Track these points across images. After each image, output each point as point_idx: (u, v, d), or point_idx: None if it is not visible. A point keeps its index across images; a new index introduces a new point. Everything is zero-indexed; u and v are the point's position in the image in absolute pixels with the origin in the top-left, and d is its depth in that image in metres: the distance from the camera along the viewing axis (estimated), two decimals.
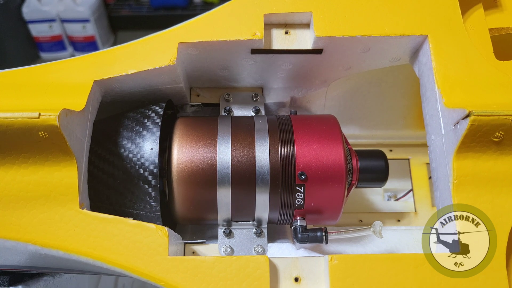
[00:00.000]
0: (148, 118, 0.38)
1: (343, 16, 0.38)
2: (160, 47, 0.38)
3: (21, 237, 0.33)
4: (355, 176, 0.38)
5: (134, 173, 0.36)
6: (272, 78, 0.44)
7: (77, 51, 2.12)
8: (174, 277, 0.32)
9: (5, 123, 0.30)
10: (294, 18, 0.40)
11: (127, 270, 0.32)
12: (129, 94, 0.40)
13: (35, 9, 1.96)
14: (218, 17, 0.39)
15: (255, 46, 0.39)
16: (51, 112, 0.30)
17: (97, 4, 2.01)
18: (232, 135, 0.37)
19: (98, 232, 0.32)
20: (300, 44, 0.40)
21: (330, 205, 0.37)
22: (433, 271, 0.31)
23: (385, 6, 0.38)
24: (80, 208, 0.33)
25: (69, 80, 0.37)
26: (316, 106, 0.46)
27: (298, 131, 0.37)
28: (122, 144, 0.37)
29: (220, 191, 0.36)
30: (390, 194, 0.52)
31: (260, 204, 0.36)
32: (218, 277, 0.32)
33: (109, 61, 0.38)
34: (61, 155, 0.32)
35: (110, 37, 2.18)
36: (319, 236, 0.36)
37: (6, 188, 0.33)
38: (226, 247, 0.38)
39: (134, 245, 0.32)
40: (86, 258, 0.32)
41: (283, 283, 0.33)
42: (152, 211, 0.36)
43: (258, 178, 0.35)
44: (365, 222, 0.48)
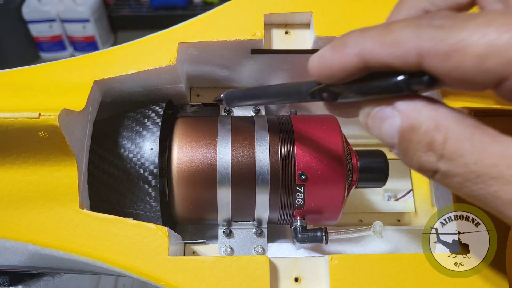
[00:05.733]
0: (148, 118, 0.38)
1: (343, 16, 0.38)
2: (160, 47, 0.38)
3: (21, 237, 0.33)
4: (355, 176, 0.38)
5: (134, 173, 0.36)
6: (272, 78, 0.44)
7: (77, 51, 2.12)
8: (174, 277, 0.32)
9: (5, 123, 0.30)
10: (294, 18, 0.40)
11: (127, 270, 0.32)
12: (129, 94, 0.40)
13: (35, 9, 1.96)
14: (218, 17, 0.39)
15: (255, 46, 0.39)
16: (51, 112, 0.30)
17: (97, 4, 2.01)
18: (232, 135, 0.37)
19: (98, 232, 0.32)
20: (300, 44, 0.40)
21: (330, 205, 0.37)
22: (433, 271, 0.31)
23: (385, 7, 0.38)
24: (80, 208, 0.33)
25: (69, 80, 0.37)
26: (316, 106, 0.46)
27: (298, 131, 0.37)
28: (122, 144, 0.37)
29: (220, 191, 0.36)
30: (390, 194, 0.52)
31: (260, 204, 0.36)
32: (218, 277, 0.32)
33: (109, 61, 0.38)
34: (61, 155, 0.32)
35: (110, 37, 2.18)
36: (319, 236, 0.36)
37: (6, 188, 0.33)
38: (226, 247, 0.38)
39: (134, 245, 0.32)
40: (86, 258, 0.32)
41: (283, 283, 0.33)
42: (152, 211, 0.36)
43: (258, 178, 0.35)
44: (365, 222, 0.48)
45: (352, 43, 0.21)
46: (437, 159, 0.19)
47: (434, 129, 0.19)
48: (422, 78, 0.19)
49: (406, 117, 0.20)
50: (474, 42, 0.17)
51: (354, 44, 0.20)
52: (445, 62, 0.18)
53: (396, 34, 0.19)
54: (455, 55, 0.17)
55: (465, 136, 0.18)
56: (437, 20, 0.18)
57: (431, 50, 0.18)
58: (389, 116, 0.20)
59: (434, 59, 0.18)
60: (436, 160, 0.19)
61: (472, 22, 0.17)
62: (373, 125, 0.21)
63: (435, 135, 0.19)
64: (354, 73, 0.21)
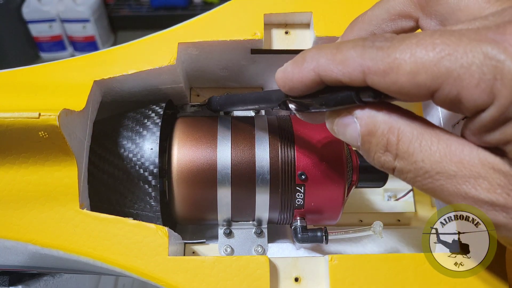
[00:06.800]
0: (148, 118, 0.38)
1: (343, 16, 0.38)
2: (160, 47, 0.38)
3: (21, 237, 0.33)
4: (355, 175, 0.38)
5: (134, 173, 0.36)
6: (272, 78, 0.44)
7: (77, 51, 2.12)
8: (174, 277, 0.32)
9: (5, 123, 0.30)
10: (294, 18, 0.40)
11: (127, 270, 0.32)
12: (129, 94, 0.40)
13: (35, 9, 1.96)
14: (218, 17, 0.39)
15: (255, 46, 0.39)
16: (51, 112, 0.30)
17: (97, 4, 2.01)
18: (232, 135, 0.37)
19: (98, 232, 0.32)
20: (300, 44, 0.40)
21: (330, 205, 0.37)
22: (433, 271, 0.31)
23: None
24: (80, 208, 0.33)
25: (69, 80, 0.37)
26: None
27: (298, 131, 0.37)
28: (122, 144, 0.37)
29: (220, 191, 0.36)
30: (390, 194, 0.52)
31: (260, 204, 0.36)
32: (218, 277, 0.32)
33: (109, 61, 0.38)
34: (61, 155, 0.32)
35: (110, 37, 2.18)
36: (319, 236, 0.36)
37: (6, 188, 0.33)
38: (226, 247, 0.38)
39: (134, 245, 0.32)
40: (86, 258, 0.32)
41: (283, 283, 0.33)
42: (152, 211, 0.36)
43: (258, 178, 0.36)
44: (365, 222, 0.48)
45: (309, 59, 0.23)
46: (393, 158, 0.21)
47: (388, 131, 0.21)
48: (368, 93, 0.21)
49: (364, 123, 0.22)
50: (406, 60, 0.19)
51: (310, 60, 0.23)
52: (384, 79, 0.20)
53: (343, 53, 0.21)
54: (391, 73, 0.19)
55: (414, 136, 0.21)
56: (378, 41, 0.20)
57: (371, 68, 0.20)
58: (350, 122, 0.23)
59: (375, 76, 0.20)
60: (393, 159, 0.21)
61: (405, 42, 0.19)
62: (338, 130, 0.24)
63: (389, 137, 0.21)
64: (312, 87, 0.23)
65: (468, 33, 0.19)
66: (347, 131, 0.23)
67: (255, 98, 0.33)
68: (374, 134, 0.22)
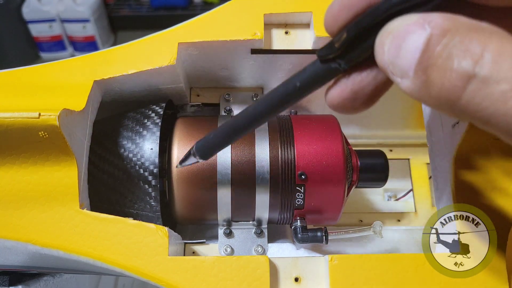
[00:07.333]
0: (148, 118, 0.38)
1: None
2: (160, 47, 0.38)
3: (21, 237, 0.33)
4: (355, 176, 0.38)
5: (134, 173, 0.36)
6: (272, 78, 0.44)
7: (77, 51, 2.12)
8: (174, 277, 0.32)
9: (5, 123, 0.30)
10: (294, 18, 0.40)
11: (127, 270, 0.32)
12: (129, 94, 0.40)
13: (35, 9, 1.96)
14: (218, 17, 0.39)
15: (255, 46, 0.39)
16: (51, 112, 0.30)
17: (97, 4, 2.00)
18: None
19: (98, 232, 0.32)
20: (300, 44, 0.40)
21: (330, 205, 0.37)
22: (433, 271, 0.31)
23: None
24: (80, 208, 0.33)
25: (69, 80, 0.37)
26: (316, 106, 0.46)
27: (298, 131, 0.37)
28: (122, 144, 0.37)
29: (220, 191, 0.36)
30: (390, 194, 0.52)
31: (260, 204, 0.36)
32: (218, 277, 0.32)
33: (109, 61, 0.38)
34: (61, 155, 0.32)
35: (110, 37, 2.18)
36: (319, 236, 0.36)
37: (6, 188, 0.33)
38: (226, 247, 0.38)
39: (134, 245, 0.32)
40: (86, 258, 0.32)
41: (283, 283, 0.33)
42: (152, 211, 0.36)
43: (258, 178, 0.35)
44: (365, 222, 0.48)
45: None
46: (474, 64, 0.16)
47: (473, 30, 0.16)
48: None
49: (440, 22, 0.17)
50: None
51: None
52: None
53: None
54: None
55: (505, 38, 0.16)
56: None
57: None
58: (415, 29, 0.17)
59: None
60: (474, 63, 0.16)
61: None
62: (390, 47, 0.18)
63: (473, 36, 0.16)
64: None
65: None
66: (404, 44, 0.17)
67: (273, 98, 0.23)
68: (454, 34, 0.16)
